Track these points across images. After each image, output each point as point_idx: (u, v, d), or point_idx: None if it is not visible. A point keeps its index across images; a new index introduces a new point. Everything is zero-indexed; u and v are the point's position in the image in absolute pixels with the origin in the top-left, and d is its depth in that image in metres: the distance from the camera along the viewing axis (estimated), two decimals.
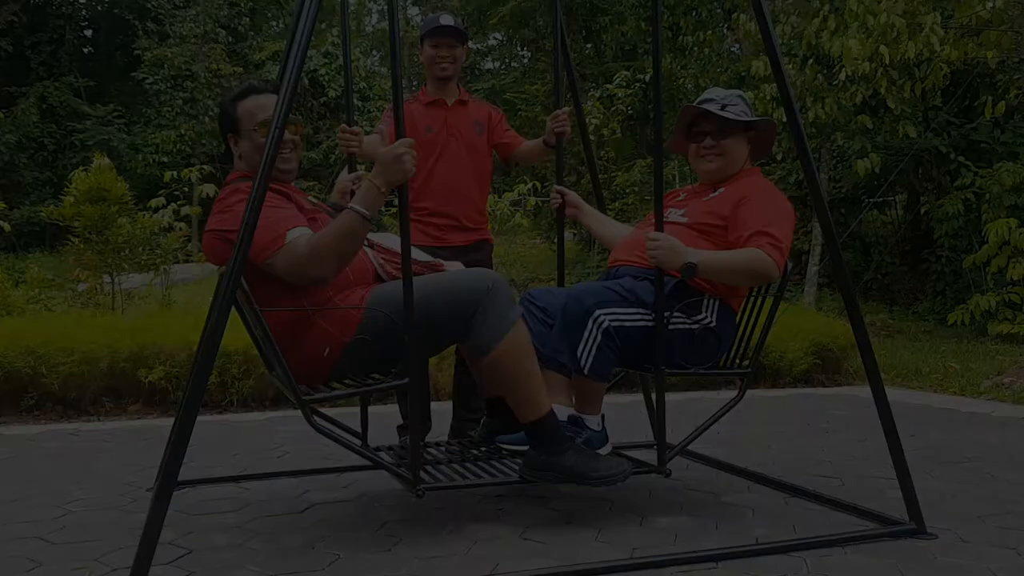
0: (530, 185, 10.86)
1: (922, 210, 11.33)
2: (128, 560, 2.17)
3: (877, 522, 2.67)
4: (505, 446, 2.97)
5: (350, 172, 3.28)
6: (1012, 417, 4.87)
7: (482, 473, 2.74)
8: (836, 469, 3.51)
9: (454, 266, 2.87)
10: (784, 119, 8.96)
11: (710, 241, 2.85)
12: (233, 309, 2.53)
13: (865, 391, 5.89)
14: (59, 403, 5.03)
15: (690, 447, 3.83)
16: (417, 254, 2.76)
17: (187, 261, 9.91)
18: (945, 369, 6.77)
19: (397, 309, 2.43)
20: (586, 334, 2.70)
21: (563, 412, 2.79)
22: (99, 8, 26.60)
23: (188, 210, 8.50)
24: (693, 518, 2.78)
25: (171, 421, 4.55)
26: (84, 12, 26.62)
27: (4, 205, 9.07)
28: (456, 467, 2.82)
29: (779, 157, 10.85)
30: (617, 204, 12.14)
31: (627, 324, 2.72)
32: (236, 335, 5.25)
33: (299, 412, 4.87)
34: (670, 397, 5.51)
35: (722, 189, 2.98)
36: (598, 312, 2.69)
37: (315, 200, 2.83)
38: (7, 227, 8.25)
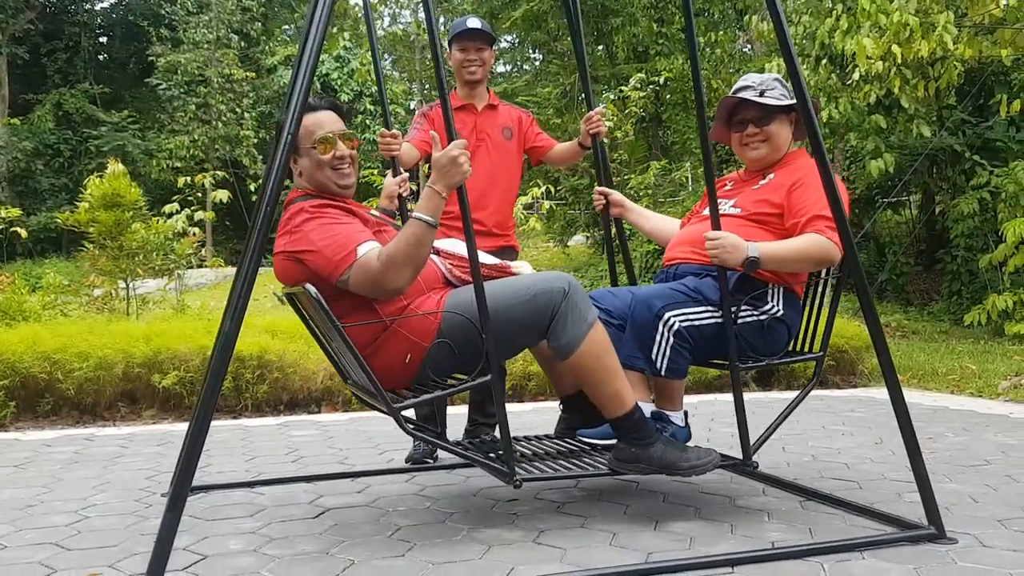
0: (543, 189, 10.86)
1: (937, 210, 11.26)
2: (143, 566, 2.17)
3: (896, 526, 2.64)
4: (588, 440, 2.99)
5: (394, 176, 3.30)
6: None
7: (571, 467, 2.75)
8: (853, 472, 3.48)
9: (522, 267, 2.90)
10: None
11: (767, 230, 2.85)
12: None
13: (880, 392, 5.88)
14: (75, 408, 5.06)
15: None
16: (484, 257, 2.78)
17: (201, 266, 9.97)
18: (962, 370, 6.72)
19: (475, 311, 2.48)
20: (658, 338, 2.72)
21: (645, 409, 2.80)
22: (114, 15, 26.80)
23: (202, 215, 8.54)
24: (708, 522, 2.76)
25: (186, 426, 4.57)
26: (99, 19, 26.82)
27: (21, 212, 9.13)
28: (548, 462, 2.83)
29: None
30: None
31: (697, 323, 2.74)
32: (250, 340, 5.30)
33: (313, 418, 4.89)
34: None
35: (772, 175, 2.98)
36: (667, 315, 2.72)
37: (376, 213, 2.86)
38: (24, 233, 8.31)
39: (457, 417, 3.88)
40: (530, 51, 24.02)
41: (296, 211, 2.61)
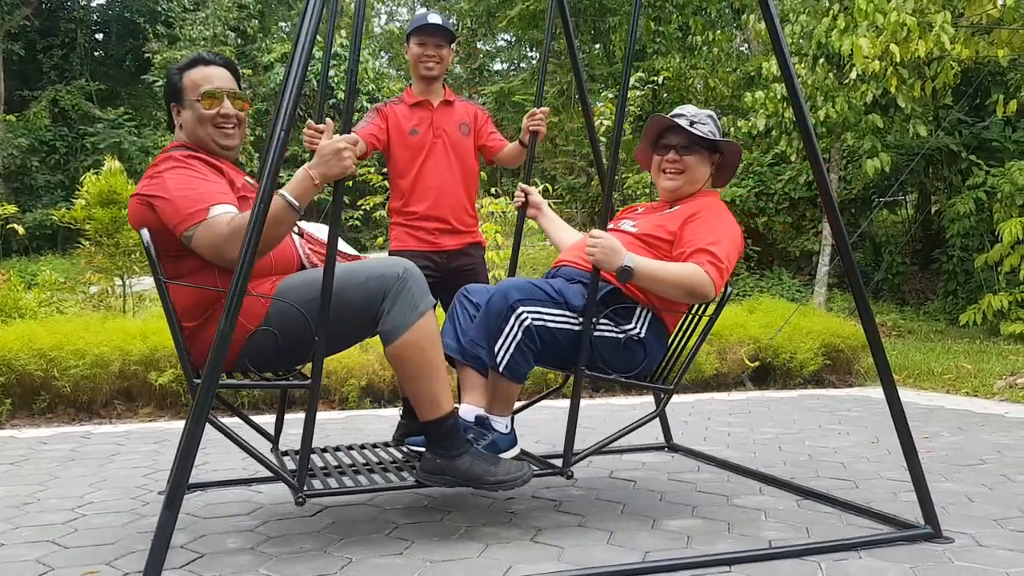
0: (541, 188, 10.84)
1: (933, 209, 11.28)
2: (140, 564, 2.17)
3: (892, 525, 2.65)
4: (415, 448, 2.93)
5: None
6: None
7: (376, 480, 2.67)
8: (849, 471, 3.49)
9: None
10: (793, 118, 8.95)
11: (652, 252, 2.81)
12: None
13: (876, 392, 5.90)
14: (71, 406, 5.05)
15: (700, 449, 3.83)
16: (344, 247, 2.69)
17: None
18: (957, 370, 6.73)
19: (306, 299, 2.38)
20: (507, 329, 2.62)
21: (472, 414, 2.76)
22: (110, 12, 26.71)
23: None
24: (705, 521, 2.77)
25: (182, 423, 4.56)
26: (95, 16, 26.74)
27: (17, 209, 9.11)
28: (356, 472, 2.77)
29: (792, 157, 10.82)
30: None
31: (550, 325, 2.65)
32: None
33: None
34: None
35: (677, 207, 2.97)
36: (521, 309, 2.62)
37: (251, 180, 2.73)
38: (21, 230, 8.29)
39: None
40: (527, 50, 23.99)
41: (164, 158, 2.50)
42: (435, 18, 3.52)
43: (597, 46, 17.03)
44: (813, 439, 4.23)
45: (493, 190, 9.81)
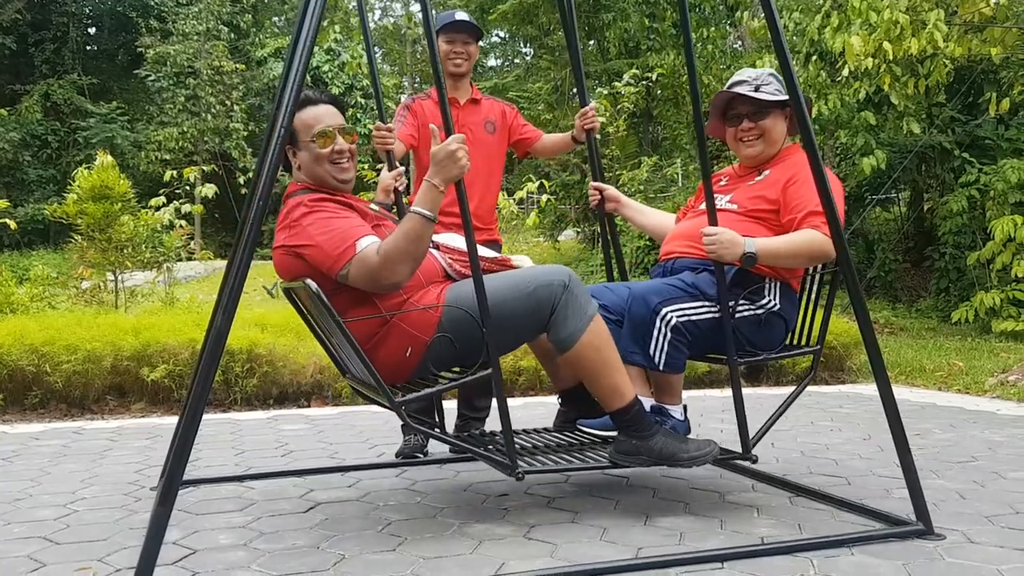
0: (537, 183, 10.85)
1: (926, 207, 11.31)
2: (132, 560, 2.16)
3: (884, 522, 2.65)
4: (588, 430, 3.00)
5: (389, 169, 3.28)
6: (1018, 415, 4.85)
7: (572, 459, 2.76)
8: (841, 468, 3.50)
9: (522, 260, 2.89)
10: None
11: (764, 225, 2.86)
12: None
13: (868, 389, 5.91)
14: (63, 401, 5.04)
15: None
16: (484, 251, 2.78)
17: (190, 259, 9.92)
18: (949, 367, 6.76)
19: (475, 306, 2.48)
20: (656, 333, 2.73)
21: (644, 403, 2.81)
22: (102, 6, 26.59)
23: (190, 208, 8.50)
24: (698, 518, 2.77)
25: (174, 419, 4.55)
26: (88, 10, 26.62)
27: (8, 204, 9.06)
28: (549, 455, 2.84)
29: None
30: None
31: (694, 318, 2.75)
32: (239, 334, 5.28)
33: (302, 412, 4.86)
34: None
35: (767, 172, 2.98)
36: (664, 310, 2.73)
37: (376, 207, 2.85)
38: (14, 225, 8.26)
39: (446, 412, 3.87)
40: (521, 46, 23.98)
41: (295, 205, 2.60)
42: (462, 15, 3.60)
43: (591, 42, 17.02)
44: (805, 436, 4.24)
45: None
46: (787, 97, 2.98)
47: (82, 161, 15.27)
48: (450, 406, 4.04)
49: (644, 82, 12.84)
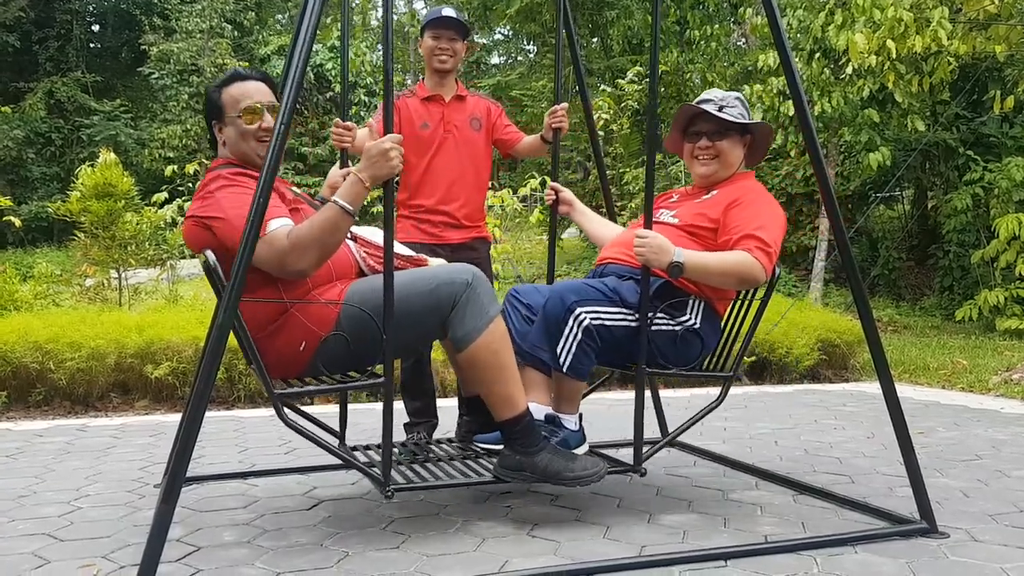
0: (540, 180, 10.83)
1: (930, 205, 11.29)
2: (136, 557, 2.17)
3: (888, 520, 2.65)
4: (481, 445, 2.96)
5: (341, 167, 3.25)
6: (1022, 414, 4.85)
7: (456, 473, 2.73)
8: (845, 466, 3.50)
9: (437, 262, 2.83)
10: (791, 113, 8.94)
11: (698, 243, 2.83)
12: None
13: (871, 387, 5.91)
14: (67, 398, 5.04)
15: (696, 444, 3.83)
16: (400, 248, 2.72)
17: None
18: (953, 365, 6.75)
19: (375, 304, 2.41)
20: (567, 331, 2.68)
21: (541, 411, 2.77)
22: (106, 3, 26.61)
23: None
24: (701, 516, 2.77)
25: (178, 417, 4.55)
26: (91, 8, 26.64)
27: (11, 201, 9.08)
28: (431, 467, 2.82)
29: (792, 152, 10.82)
30: (633, 205, 12.09)
31: (608, 323, 2.69)
32: None
33: (306, 409, 4.88)
34: (670, 394, 5.53)
35: (715, 192, 2.96)
36: (579, 310, 2.67)
37: (298, 191, 2.78)
38: (18, 222, 8.27)
39: (444, 411, 3.87)
40: (524, 43, 23.95)
41: (213, 177, 2.53)
42: (449, 11, 3.54)
43: (595, 40, 17.01)
44: (809, 434, 4.23)
45: (491, 183, 9.78)
46: (749, 122, 2.99)
47: (86, 159, 15.28)
48: (449, 405, 4.03)
49: (647, 79, 12.83)
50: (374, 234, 2.77)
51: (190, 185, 9.08)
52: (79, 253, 7.66)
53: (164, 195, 8.35)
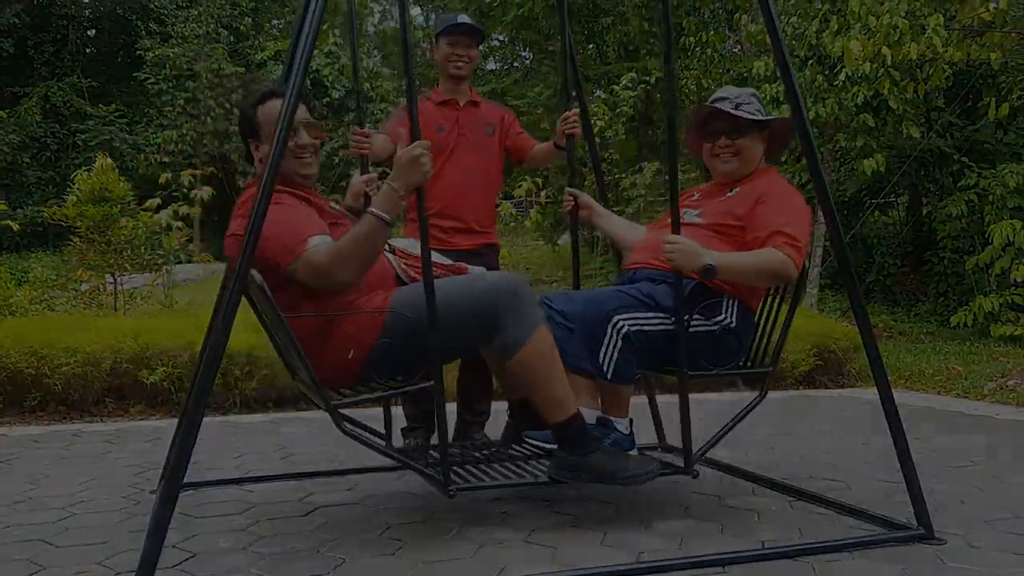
0: (531, 182, 10.84)
1: (924, 211, 11.32)
2: (132, 563, 2.16)
3: (885, 527, 2.65)
4: (532, 441, 2.97)
5: (362, 174, 3.28)
6: (1017, 420, 4.85)
7: (511, 474, 2.75)
8: (842, 472, 3.50)
9: (475, 269, 2.86)
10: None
11: (726, 241, 2.84)
12: (253, 314, 2.54)
13: (867, 393, 5.91)
14: (62, 404, 5.03)
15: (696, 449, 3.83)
16: (438, 257, 2.75)
17: (189, 262, 9.91)
18: (948, 371, 6.76)
19: (421, 311, 2.43)
20: (606, 340, 2.70)
21: (590, 416, 2.78)
22: (102, 8, 26.57)
23: (188, 210, 8.49)
24: (698, 522, 2.77)
25: (174, 422, 4.54)
26: (87, 12, 26.61)
27: (6, 206, 9.06)
28: (484, 468, 2.83)
29: (783, 159, 10.84)
30: (630, 209, 12.09)
31: (647, 328, 2.72)
32: (239, 337, 5.27)
33: (302, 415, 4.85)
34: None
35: (738, 188, 2.97)
36: (617, 318, 2.70)
37: (336, 206, 2.82)
38: (16, 227, 8.25)
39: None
40: (521, 50, 23.97)
41: (252, 195, 2.53)
42: (465, 18, 3.59)
43: (591, 46, 17.03)
44: (805, 440, 4.24)
45: None
46: (766, 118, 2.99)
47: (81, 163, 15.24)
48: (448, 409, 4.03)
49: (643, 85, 12.85)
50: (411, 245, 2.81)
51: (185, 191, 9.07)
52: (74, 258, 7.64)
53: (157, 201, 8.33)
